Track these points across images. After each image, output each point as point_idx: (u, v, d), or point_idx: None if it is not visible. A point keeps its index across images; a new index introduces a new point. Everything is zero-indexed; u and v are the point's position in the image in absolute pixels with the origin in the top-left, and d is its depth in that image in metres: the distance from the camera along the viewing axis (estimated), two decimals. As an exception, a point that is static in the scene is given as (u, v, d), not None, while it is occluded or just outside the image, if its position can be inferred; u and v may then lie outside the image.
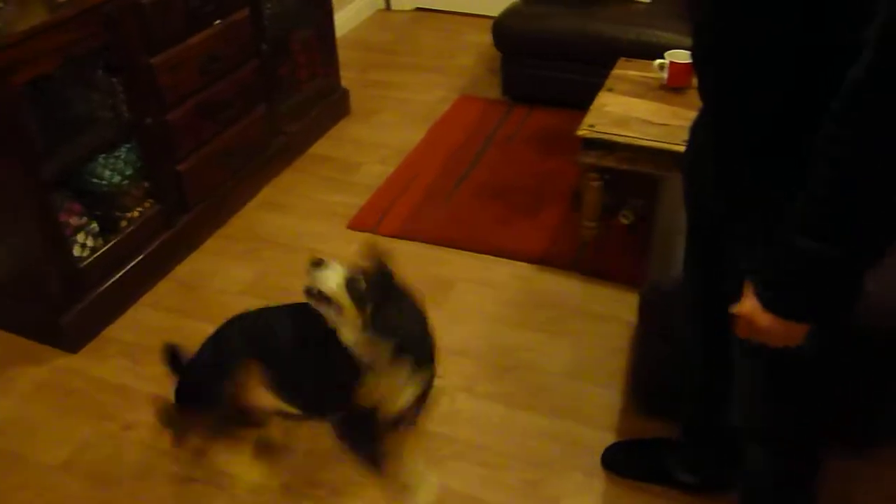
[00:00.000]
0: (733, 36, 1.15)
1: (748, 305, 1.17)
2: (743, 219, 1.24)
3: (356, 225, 3.01)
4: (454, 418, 2.20)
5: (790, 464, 1.50)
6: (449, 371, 2.35)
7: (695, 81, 2.73)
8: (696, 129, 1.43)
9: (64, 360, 2.45)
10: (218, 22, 2.77)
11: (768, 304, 1.14)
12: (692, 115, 2.56)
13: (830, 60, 1.00)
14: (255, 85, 3.05)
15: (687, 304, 1.63)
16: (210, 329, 2.53)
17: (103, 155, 2.46)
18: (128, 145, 2.53)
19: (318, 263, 1.80)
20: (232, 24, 2.84)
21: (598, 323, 2.50)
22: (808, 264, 1.07)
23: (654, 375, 2.10)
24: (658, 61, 2.78)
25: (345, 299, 1.77)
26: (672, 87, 2.74)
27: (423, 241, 2.90)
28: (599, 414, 2.20)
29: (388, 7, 5.04)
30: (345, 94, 3.76)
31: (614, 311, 2.53)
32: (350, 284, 1.78)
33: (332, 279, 1.78)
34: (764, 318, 1.15)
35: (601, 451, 2.06)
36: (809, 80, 1.06)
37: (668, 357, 2.01)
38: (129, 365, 2.43)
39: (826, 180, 1.02)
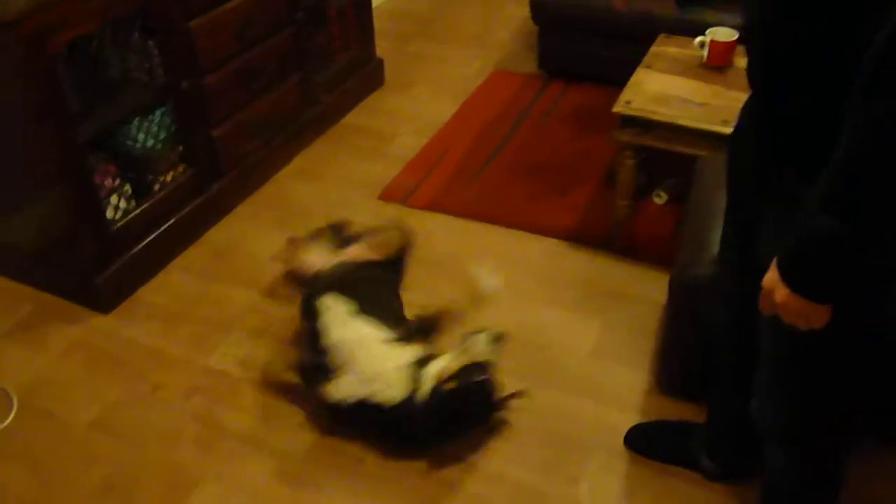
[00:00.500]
0: (768, 36, 1.16)
1: (769, 277, 1.16)
2: (774, 212, 1.23)
3: (387, 196, 3.00)
4: (478, 393, 2.21)
5: (811, 464, 1.47)
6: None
7: (736, 61, 2.69)
8: (745, 109, 1.39)
9: (96, 321, 2.48)
10: (254, -13, 2.76)
11: (784, 276, 1.13)
12: (732, 94, 2.54)
13: (856, 66, 0.98)
14: (290, 53, 3.04)
15: (721, 289, 1.60)
16: (239, 293, 2.56)
17: (138, 118, 2.47)
18: (162, 109, 2.54)
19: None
20: (268, -9, 2.83)
21: (627, 303, 2.48)
22: (822, 240, 1.06)
23: (682, 358, 2.08)
24: (699, 39, 2.73)
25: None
26: (712, 66, 2.69)
27: (453, 215, 2.89)
28: (624, 394, 2.18)
29: (425, -23, 4.99)
30: (379, 65, 3.74)
31: (644, 291, 2.51)
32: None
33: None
34: (781, 292, 1.13)
35: (625, 431, 2.05)
36: (836, 86, 1.04)
37: (697, 340, 1.99)
38: (159, 326, 2.46)
39: (845, 152, 1.01)
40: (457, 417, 1.98)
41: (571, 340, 2.36)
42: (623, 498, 1.93)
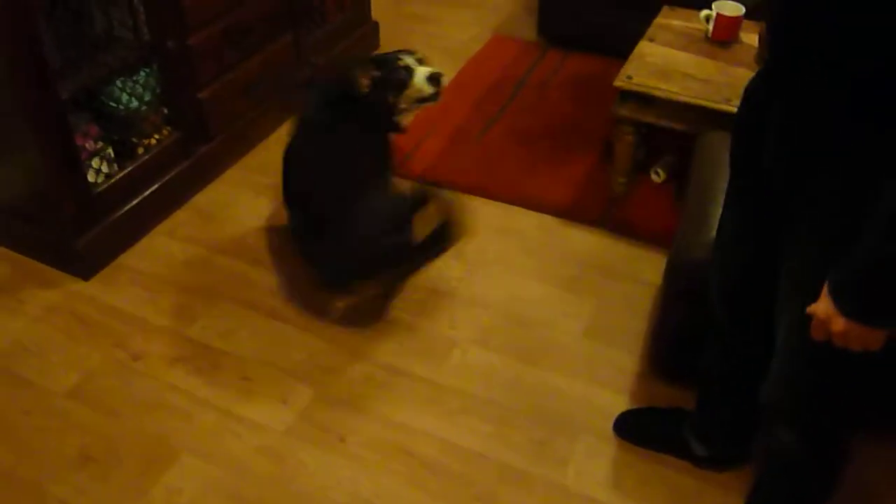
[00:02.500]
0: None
1: (823, 308, 1.11)
2: (811, 197, 1.16)
3: (379, 164, 2.92)
4: (465, 371, 2.16)
5: (818, 447, 1.44)
6: (463, 322, 2.30)
7: (742, 36, 2.60)
8: (756, 87, 1.31)
9: (76, 286, 2.42)
10: (247, -57, 2.66)
11: (844, 308, 1.08)
12: (737, 71, 2.46)
13: None
14: (282, 12, 2.94)
15: (726, 279, 1.54)
16: (224, 261, 2.50)
17: (121, 78, 2.38)
18: (147, 69, 2.45)
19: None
20: (261, -53, 2.73)
21: (622, 282, 2.42)
22: (885, 265, 1.01)
23: (676, 343, 2.04)
24: (704, 12, 2.64)
25: None
26: (717, 41, 2.60)
27: (447, 187, 2.81)
28: (615, 377, 2.14)
29: (426, -64, 4.85)
30: (375, 27, 3.63)
31: (639, 271, 2.45)
32: None
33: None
34: (839, 322, 1.09)
35: (615, 415, 2.01)
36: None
37: (692, 325, 1.94)
38: (141, 294, 2.39)
39: None
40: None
41: (564, 319, 2.31)
42: (610, 483, 1.90)
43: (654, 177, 2.76)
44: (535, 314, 2.32)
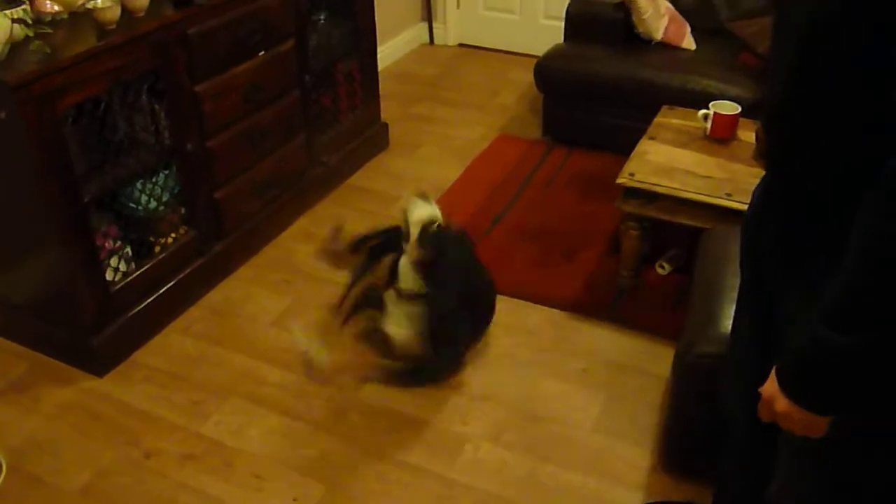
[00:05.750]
0: (806, 97, 1.11)
1: (768, 387, 1.13)
2: (793, 298, 1.19)
3: (389, 260, 2.98)
4: (477, 467, 2.16)
5: None
6: (474, 417, 2.30)
7: (740, 133, 2.69)
8: (761, 188, 1.37)
9: (91, 383, 2.44)
10: (262, 53, 2.78)
11: (786, 387, 1.10)
12: (736, 167, 2.54)
13: (875, 156, 0.97)
14: (296, 115, 3.06)
15: (734, 374, 1.56)
16: (237, 358, 2.53)
17: (142, 180, 2.47)
18: (166, 171, 2.54)
19: (421, 196, 2.30)
20: (277, 55, 2.86)
21: (631, 376, 2.44)
22: (824, 354, 1.03)
23: (688, 437, 2.04)
24: (702, 111, 2.74)
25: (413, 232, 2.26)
26: (716, 138, 2.70)
27: (455, 281, 2.86)
28: (628, 472, 2.13)
29: (431, 41, 5.06)
30: (384, 127, 3.76)
31: (648, 364, 2.47)
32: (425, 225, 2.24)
33: (417, 213, 2.25)
34: (781, 402, 1.11)
35: (628, 511, 2.00)
36: (874, 153, 1.02)
37: (703, 420, 1.95)
38: (155, 391, 2.41)
39: (852, 265, 0.99)
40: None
41: (574, 414, 2.31)
42: (625, 582, 1.87)
43: (659, 270, 2.81)
44: (545, 409, 2.33)
